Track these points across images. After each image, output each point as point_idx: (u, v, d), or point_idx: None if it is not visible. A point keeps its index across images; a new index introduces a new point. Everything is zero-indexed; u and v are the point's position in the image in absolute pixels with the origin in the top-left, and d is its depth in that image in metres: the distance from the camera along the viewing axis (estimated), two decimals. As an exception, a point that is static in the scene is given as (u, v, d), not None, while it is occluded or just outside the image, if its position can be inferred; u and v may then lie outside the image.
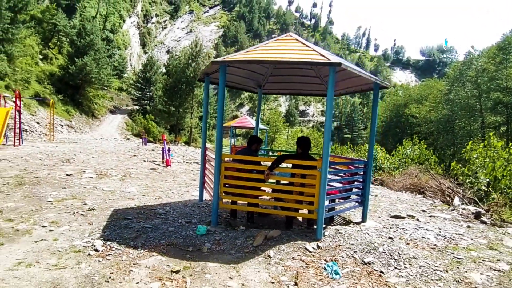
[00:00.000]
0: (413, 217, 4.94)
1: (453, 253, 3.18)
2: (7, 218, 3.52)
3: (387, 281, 2.51)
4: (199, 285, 2.30)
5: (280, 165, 3.64)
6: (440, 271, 2.72)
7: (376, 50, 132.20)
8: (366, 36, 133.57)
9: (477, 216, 6.06)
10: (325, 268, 2.65)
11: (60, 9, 38.81)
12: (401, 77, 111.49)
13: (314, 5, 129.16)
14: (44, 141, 17.61)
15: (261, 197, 4.01)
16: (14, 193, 4.64)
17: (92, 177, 6.88)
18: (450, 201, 7.46)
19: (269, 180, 3.77)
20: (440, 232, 4.02)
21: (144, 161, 11.97)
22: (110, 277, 2.31)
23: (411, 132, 38.24)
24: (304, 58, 3.24)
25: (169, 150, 12.03)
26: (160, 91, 36.09)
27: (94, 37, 34.06)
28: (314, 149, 22.38)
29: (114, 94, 46.19)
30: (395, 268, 2.73)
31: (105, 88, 40.46)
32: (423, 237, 3.67)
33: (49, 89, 31.65)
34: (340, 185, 4.05)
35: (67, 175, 6.85)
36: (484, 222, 5.53)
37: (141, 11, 78.29)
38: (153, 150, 18.13)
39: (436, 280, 2.56)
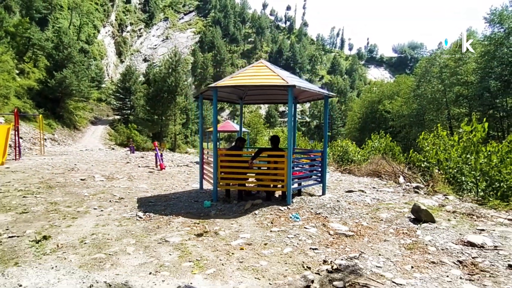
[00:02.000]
0: (363, 191, 6.58)
1: (377, 206, 4.80)
2: (66, 205, 4.82)
3: (328, 220, 4.06)
4: (213, 227, 3.77)
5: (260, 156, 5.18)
6: (363, 214, 4.32)
7: (350, 49, 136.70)
8: (340, 36, 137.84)
9: (416, 189, 7.83)
10: (290, 217, 4.17)
11: (34, 23, 38.61)
12: (376, 74, 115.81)
13: (288, 8, 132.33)
14: (36, 154, 18.28)
15: (248, 180, 5.50)
16: (54, 193, 5.89)
17: (103, 180, 8.14)
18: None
19: (254, 167, 5.27)
20: (376, 197, 5.66)
21: (139, 166, 13.12)
22: (158, 226, 3.73)
23: (386, 127, 40.42)
24: (270, 82, 4.79)
25: (161, 155, 13.29)
26: (142, 100, 36.79)
27: (72, 49, 34.34)
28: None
29: (94, 105, 46.10)
30: (335, 214, 4.30)
31: (86, 100, 40.48)
32: (362, 200, 5.29)
33: (29, 103, 31.57)
34: (303, 167, 5.63)
35: (81, 179, 8.06)
36: (417, 192, 7.27)
37: (115, 20, 77.80)
38: (142, 157, 19.14)
39: (358, 218, 4.15)
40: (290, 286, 2.26)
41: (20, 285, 2.15)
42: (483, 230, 3.52)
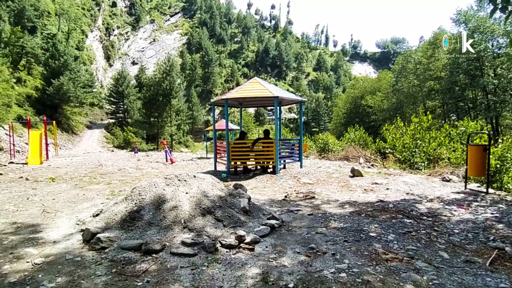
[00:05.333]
0: (329, 167, 9.23)
1: (333, 172, 7.45)
2: (131, 180, 7.31)
3: (300, 178, 6.69)
4: (231, 183, 6.33)
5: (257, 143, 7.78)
6: (323, 175, 6.97)
7: (335, 46, 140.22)
8: (324, 33, 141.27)
9: (371, 166, 10.53)
10: (278, 178, 6.78)
11: (26, 31, 39.57)
12: (360, 70, 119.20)
13: (273, 7, 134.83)
14: (52, 157, 20.35)
15: (249, 159, 8.10)
16: (111, 176, 8.33)
17: (134, 170, 10.54)
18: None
19: (253, 151, 7.87)
20: (337, 168, 8.32)
21: (151, 162, 15.42)
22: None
23: (369, 121, 42.97)
24: (262, 94, 7.38)
25: (171, 151, 15.70)
26: (138, 103, 38.75)
27: (68, 57, 35.77)
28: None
29: (88, 110, 47.30)
30: (305, 176, 6.95)
31: (82, 105, 41.57)
32: (325, 170, 7.94)
33: (30, 111, 32.92)
34: (286, 151, 8.28)
35: (118, 170, 10.45)
36: (370, 168, 9.97)
37: (102, 24, 78.46)
38: (147, 155, 21.42)
39: (319, 177, 6.79)
40: (278, 196, 4.84)
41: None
42: (387, 178, 6.20)
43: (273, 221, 3.32)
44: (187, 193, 3.33)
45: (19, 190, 6.04)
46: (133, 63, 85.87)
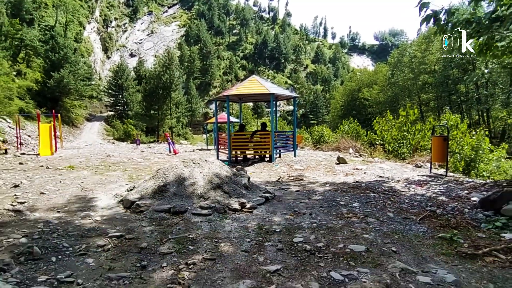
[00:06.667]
0: (320, 156, 10.21)
1: (323, 160, 8.42)
2: (143, 167, 8.25)
3: (293, 165, 7.67)
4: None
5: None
6: (313, 163, 7.95)
7: (333, 38, 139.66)
8: (323, 25, 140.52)
9: (359, 155, 11.52)
10: (273, 165, 7.76)
11: (25, 24, 39.65)
12: (358, 62, 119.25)
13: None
14: (59, 148, 21.18)
15: (248, 150, 9.06)
16: (124, 165, 9.26)
17: (143, 160, 11.47)
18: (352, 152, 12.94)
19: (252, 141, 8.83)
20: (326, 157, 9.31)
21: (155, 153, 16.29)
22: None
23: (366, 113, 43.67)
24: (259, 91, 8.31)
25: (173, 143, 16.63)
26: (137, 95, 39.41)
27: (68, 50, 36.13)
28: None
29: (87, 102, 47.63)
30: (298, 163, 7.93)
31: (83, 98, 41.85)
32: (316, 159, 8.92)
33: (31, 103, 33.31)
34: (281, 142, 9.26)
35: (127, 160, 11.38)
36: (357, 157, 10.97)
37: (100, 16, 78.16)
38: (149, 147, 22.31)
39: (309, 164, 7.77)
40: (272, 179, 5.82)
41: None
42: (367, 165, 7.19)
43: (267, 194, 4.30)
44: (201, 172, 4.30)
45: (48, 176, 6.97)
46: (131, 55, 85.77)
